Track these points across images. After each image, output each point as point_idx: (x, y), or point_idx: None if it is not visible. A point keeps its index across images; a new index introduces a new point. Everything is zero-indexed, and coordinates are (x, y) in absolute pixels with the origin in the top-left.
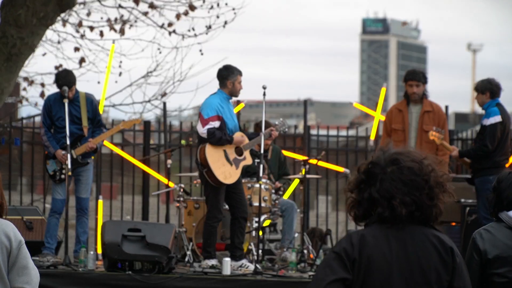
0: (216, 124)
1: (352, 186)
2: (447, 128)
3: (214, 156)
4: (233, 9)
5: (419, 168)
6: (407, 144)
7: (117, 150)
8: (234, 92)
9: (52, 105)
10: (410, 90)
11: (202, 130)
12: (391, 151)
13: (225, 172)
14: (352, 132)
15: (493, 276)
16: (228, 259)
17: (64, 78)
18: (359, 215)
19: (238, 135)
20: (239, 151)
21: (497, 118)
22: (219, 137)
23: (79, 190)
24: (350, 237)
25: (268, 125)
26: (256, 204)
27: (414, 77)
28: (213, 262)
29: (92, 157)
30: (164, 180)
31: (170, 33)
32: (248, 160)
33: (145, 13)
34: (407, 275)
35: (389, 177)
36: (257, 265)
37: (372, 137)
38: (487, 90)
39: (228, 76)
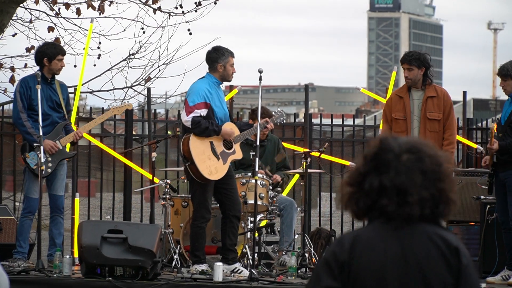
0: (203, 112)
1: (356, 175)
2: (453, 115)
3: (199, 149)
4: None
5: (439, 158)
6: (410, 134)
7: (96, 142)
8: (225, 77)
9: (32, 87)
10: (404, 74)
11: (186, 119)
12: (403, 138)
13: (211, 166)
14: (358, 121)
15: None
16: (220, 263)
17: (55, 45)
18: (362, 209)
19: (227, 126)
20: (228, 144)
21: None
22: (205, 127)
23: (54, 187)
24: (342, 239)
25: (265, 112)
26: (251, 202)
27: (405, 60)
28: (202, 267)
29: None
30: (148, 175)
31: (155, 10)
32: (238, 154)
33: None
34: (404, 279)
35: (405, 166)
36: (253, 270)
37: (382, 127)
38: None
39: (218, 58)
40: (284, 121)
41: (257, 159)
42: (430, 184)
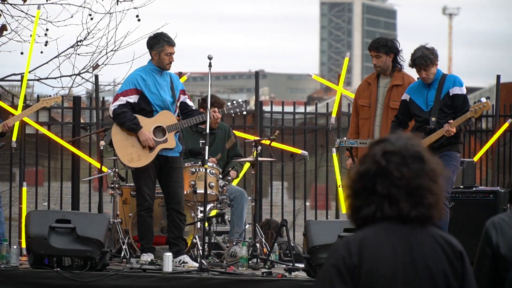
0: (130, 98)
1: (360, 180)
2: None
3: (121, 135)
4: None
5: (437, 163)
6: (373, 122)
7: (43, 130)
8: (161, 65)
9: None
10: (372, 62)
11: (110, 107)
12: (404, 138)
13: (132, 154)
14: (310, 109)
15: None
16: (169, 254)
17: None
18: (367, 217)
19: (158, 118)
20: (161, 131)
21: None
22: (123, 122)
23: None
24: (347, 244)
25: (216, 101)
26: (201, 191)
27: (372, 47)
28: (148, 256)
29: None
30: (96, 164)
31: None
32: (170, 143)
33: None
34: (414, 282)
35: (414, 170)
36: (203, 261)
37: (334, 114)
38: None
39: (153, 45)
40: (240, 113)
41: (206, 147)
42: (435, 187)
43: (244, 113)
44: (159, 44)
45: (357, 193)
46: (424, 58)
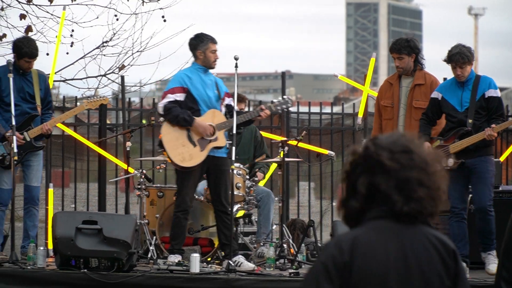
0: (178, 96)
1: (350, 175)
2: None
3: (172, 135)
4: None
5: (431, 155)
6: (396, 122)
7: (70, 131)
8: (207, 63)
9: (2, 77)
10: (394, 64)
11: (159, 105)
12: (396, 135)
13: (184, 153)
14: (337, 109)
15: None
16: (196, 255)
17: (29, 45)
18: (355, 212)
19: (209, 114)
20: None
21: None
22: (175, 115)
23: (29, 178)
24: (339, 242)
25: (242, 99)
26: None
27: (393, 49)
28: (177, 258)
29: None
30: (123, 165)
31: None
32: (220, 141)
33: None
34: (406, 281)
35: (405, 165)
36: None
37: (360, 114)
38: None
39: (197, 45)
40: (287, 109)
41: (233, 147)
42: (426, 179)
43: (290, 108)
44: (203, 42)
45: (349, 191)
46: (462, 55)
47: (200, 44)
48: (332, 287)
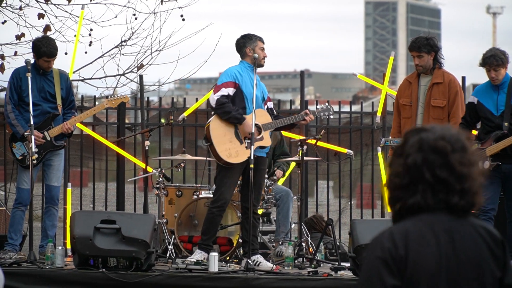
0: (230, 91)
1: (408, 171)
2: (459, 103)
3: (220, 130)
4: None
5: (472, 150)
6: (415, 121)
7: (88, 131)
8: (257, 60)
9: (22, 78)
10: (414, 62)
11: (213, 97)
12: (440, 127)
13: (230, 149)
14: (356, 108)
15: None
16: (215, 254)
17: (48, 45)
18: (412, 207)
19: (257, 114)
20: (257, 129)
21: None
22: (228, 111)
23: (49, 177)
24: (391, 235)
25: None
26: None
27: (413, 47)
28: (203, 255)
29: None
30: (141, 164)
31: None
32: (266, 141)
33: None
34: (457, 273)
35: (459, 158)
36: (249, 261)
37: (379, 113)
38: None
39: (246, 43)
40: (330, 117)
41: (252, 147)
42: (477, 175)
43: (331, 116)
44: (252, 40)
45: (404, 185)
46: (496, 57)
47: (249, 41)
48: (395, 281)
